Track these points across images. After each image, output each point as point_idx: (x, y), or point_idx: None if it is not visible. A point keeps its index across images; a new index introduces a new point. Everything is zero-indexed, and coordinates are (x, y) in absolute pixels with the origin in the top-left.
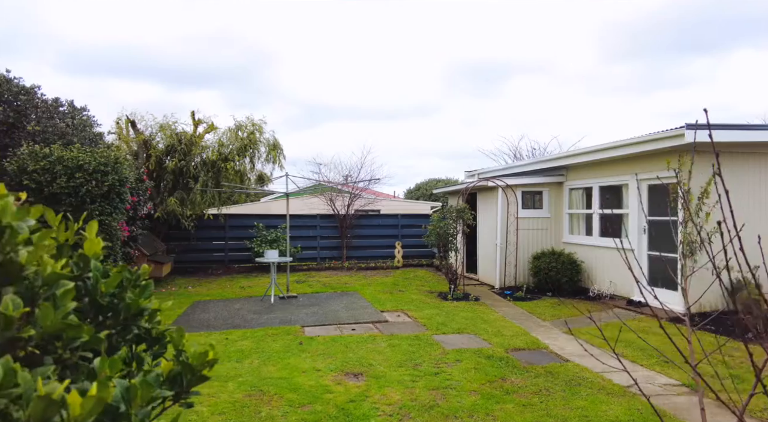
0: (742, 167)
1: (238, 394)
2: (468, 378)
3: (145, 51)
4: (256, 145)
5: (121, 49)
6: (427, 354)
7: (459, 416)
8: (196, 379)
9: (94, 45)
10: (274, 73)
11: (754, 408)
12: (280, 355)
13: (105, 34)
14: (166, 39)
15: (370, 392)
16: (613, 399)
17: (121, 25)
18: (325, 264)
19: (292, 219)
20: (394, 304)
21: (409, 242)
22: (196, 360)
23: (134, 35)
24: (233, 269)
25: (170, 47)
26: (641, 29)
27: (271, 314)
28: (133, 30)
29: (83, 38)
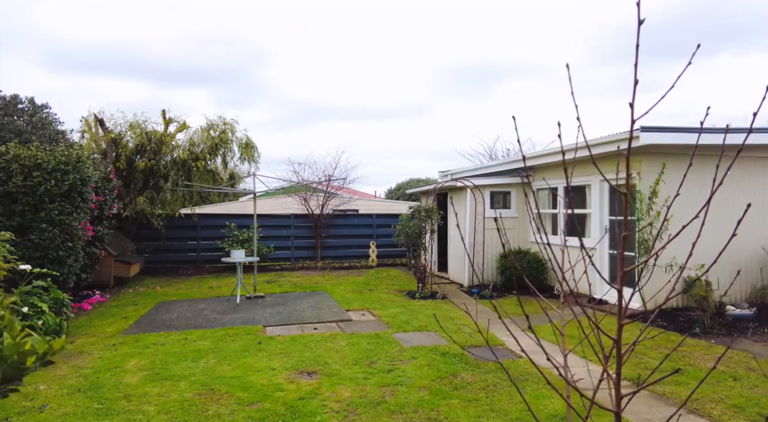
0: (694, 169)
1: (189, 393)
2: (420, 375)
3: (133, 49)
4: (228, 144)
5: (107, 47)
6: (385, 351)
7: (404, 412)
8: (12, 370)
9: (76, 42)
10: (264, 73)
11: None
12: (237, 355)
13: (89, 31)
14: (155, 37)
15: (321, 389)
16: (556, 393)
17: (109, 23)
18: (299, 264)
19: (265, 219)
20: (361, 303)
21: (385, 242)
22: (11, 351)
23: (121, 33)
24: (205, 269)
25: (158, 45)
26: (624, 33)
27: (234, 314)
28: (121, 27)
29: (67, 35)
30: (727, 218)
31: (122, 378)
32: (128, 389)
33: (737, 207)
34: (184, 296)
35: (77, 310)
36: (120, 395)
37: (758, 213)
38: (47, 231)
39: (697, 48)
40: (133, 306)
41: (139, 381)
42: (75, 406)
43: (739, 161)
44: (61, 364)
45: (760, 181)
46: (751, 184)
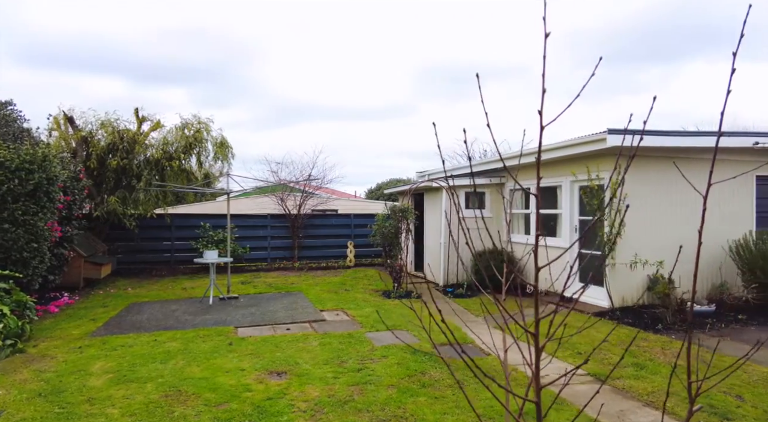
0: (661, 170)
1: (155, 395)
2: (389, 374)
3: (110, 45)
4: (202, 143)
5: (81, 42)
6: (356, 351)
7: (371, 410)
8: None
9: (46, 35)
10: (247, 72)
11: (642, 392)
12: (207, 356)
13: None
14: (133, 32)
15: (289, 389)
16: (521, 389)
17: (83, 16)
18: (275, 265)
19: (242, 219)
20: (335, 303)
21: (363, 242)
22: None
23: (97, 27)
24: (179, 270)
25: (137, 41)
26: (604, 37)
27: (206, 315)
28: (97, 21)
29: (36, 27)
30: (690, 217)
31: (86, 382)
32: (92, 392)
33: (700, 207)
34: (156, 298)
35: (42, 313)
36: (83, 398)
37: (719, 213)
38: (10, 232)
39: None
40: (102, 308)
41: (103, 384)
42: (34, 411)
43: (706, 163)
44: (22, 368)
45: (727, 182)
46: (719, 184)
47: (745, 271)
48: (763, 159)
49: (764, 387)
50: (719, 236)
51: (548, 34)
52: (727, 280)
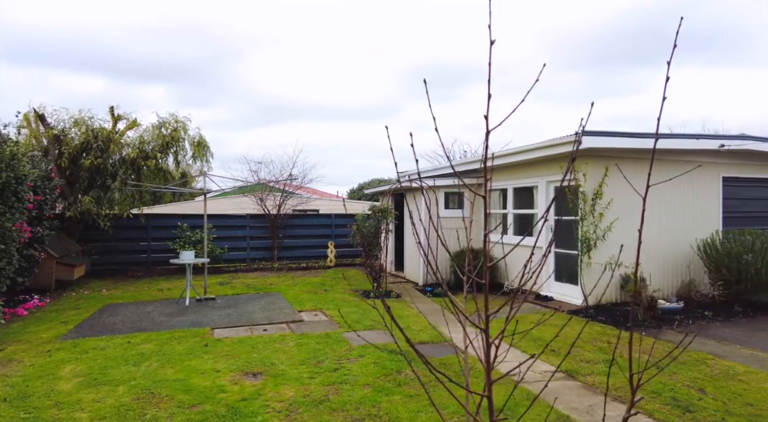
0: (635, 172)
1: (127, 398)
2: (365, 373)
3: (90, 41)
4: (180, 142)
5: (61, 38)
6: (333, 351)
7: (346, 409)
8: None
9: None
10: (229, 71)
11: (611, 386)
12: (182, 357)
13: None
14: (113, 28)
15: (265, 390)
16: (494, 386)
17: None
18: (254, 265)
19: (220, 219)
20: (314, 304)
21: (343, 242)
22: None
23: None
24: (156, 271)
25: (117, 38)
26: (584, 41)
27: (183, 316)
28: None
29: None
30: (665, 217)
31: (55, 386)
32: (60, 396)
33: (675, 208)
34: (131, 299)
35: (10, 316)
36: (50, 403)
37: (689, 213)
38: None
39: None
40: (74, 310)
41: (73, 388)
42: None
43: (678, 165)
44: None
45: (694, 183)
46: (687, 186)
47: (711, 269)
48: (729, 161)
49: (725, 381)
50: (688, 235)
51: (493, 42)
52: (695, 278)
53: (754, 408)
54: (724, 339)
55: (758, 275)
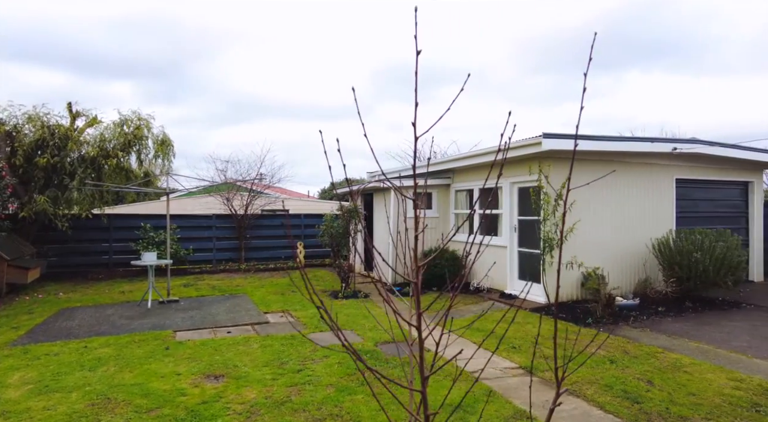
0: (597, 173)
1: (81, 404)
2: (329, 373)
3: (50, 34)
4: (143, 141)
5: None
6: (297, 352)
7: (307, 409)
8: None
9: None
10: (202, 68)
11: (567, 381)
12: (142, 361)
13: None
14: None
15: (226, 392)
16: (456, 384)
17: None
18: (221, 266)
19: (185, 220)
20: (281, 305)
21: (313, 242)
22: None
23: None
24: (117, 273)
25: (82, 32)
26: (552, 45)
27: (144, 319)
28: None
29: None
30: (624, 217)
31: (1, 394)
32: (7, 405)
33: (633, 208)
34: (90, 302)
35: None
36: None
37: (646, 214)
38: None
39: (468, 76)
40: (27, 315)
41: (21, 396)
42: None
43: (637, 167)
44: None
45: (651, 185)
46: (644, 187)
47: (665, 267)
48: (681, 163)
49: (672, 373)
50: (645, 235)
51: (419, 52)
52: (651, 275)
53: (696, 397)
54: (674, 333)
55: (706, 272)
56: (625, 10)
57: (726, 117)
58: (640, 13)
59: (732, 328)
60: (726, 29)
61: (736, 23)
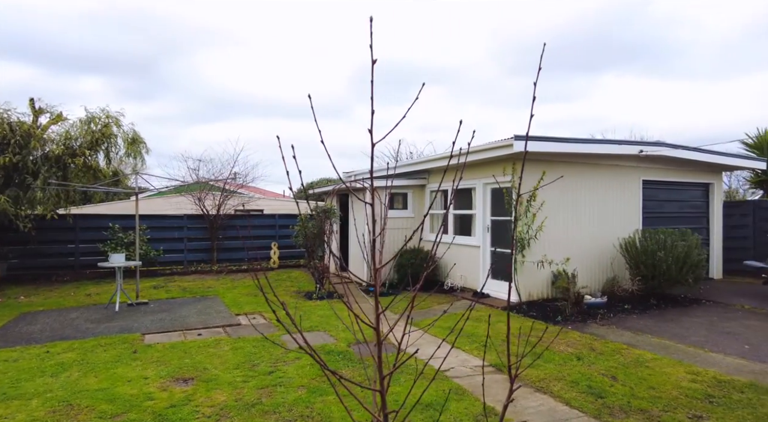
0: (565, 173)
1: (41, 412)
2: (301, 375)
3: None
4: (111, 139)
5: None
6: (269, 354)
7: (278, 411)
8: None
9: None
10: (177, 64)
11: (534, 378)
12: (108, 366)
13: None
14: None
15: (195, 396)
16: (426, 382)
17: None
18: (192, 268)
19: (155, 220)
20: (253, 307)
21: (288, 243)
22: None
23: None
24: (84, 275)
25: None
26: (529, 48)
27: (111, 322)
28: None
29: None
30: (593, 217)
31: None
32: None
33: (602, 209)
34: (54, 306)
35: None
36: None
37: (614, 214)
38: None
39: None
40: None
41: None
42: None
43: (607, 169)
44: None
45: (619, 186)
46: (613, 188)
47: (631, 266)
48: (648, 165)
49: (635, 368)
50: (613, 234)
51: (375, 61)
52: (618, 274)
53: (655, 391)
54: (638, 330)
55: (669, 270)
56: (603, 14)
57: (690, 121)
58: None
59: (691, 324)
60: (693, 35)
61: (703, 29)
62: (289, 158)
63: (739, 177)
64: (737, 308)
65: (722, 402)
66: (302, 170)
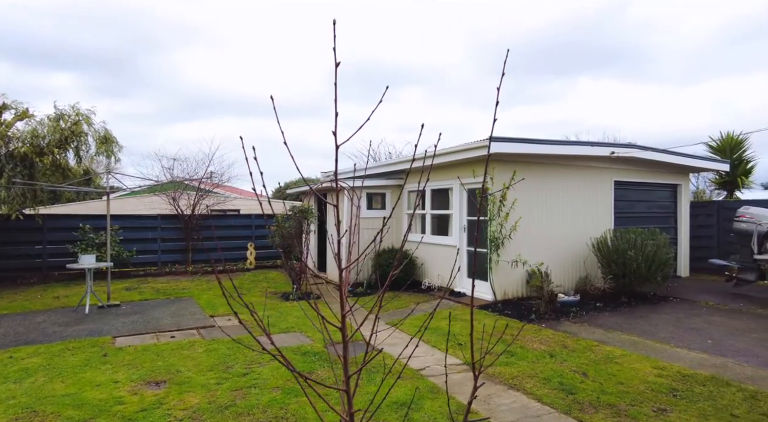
0: (539, 174)
1: (2, 419)
2: (276, 376)
3: None
4: (82, 137)
5: None
6: (244, 355)
7: (252, 413)
8: None
9: None
10: (155, 62)
11: (508, 376)
12: (76, 370)
13: None
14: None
15: (167, 399)
16: (402, 381)
17: None
18: (166, 269)
19: (129, 220)
20: (228, 308)
21: (265, 243)
22: None
23: None
24: (52, 277)
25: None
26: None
27: (80, 325)
28: None
29: None
30: (567, 217)
31: None
32: None
33: (575, 209)
34: (19, 309)
35: None
36: None
37: (587, 214)
38: None
39: (386, 89)
40: None
41: None
42: None
43: (580, 170)
44: None
45: (592, 187)
46: (586, 189)
47: (603, 265)
48: (619, 167)
49: (604, 364)
50: (586, 234)
51: (338, 64)
52: (591, 273)
53: (623, 386)
54: (609, 327)
55: (639, 269)
56: (581, 19)
57: (661, 123)
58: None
59: (659, 320)
60: (664, 41)
61: (674, 36)
62: (275, 157)
63: (705, 178)
64: (702, 305)
65: (685, 395)
66: (282, 169)
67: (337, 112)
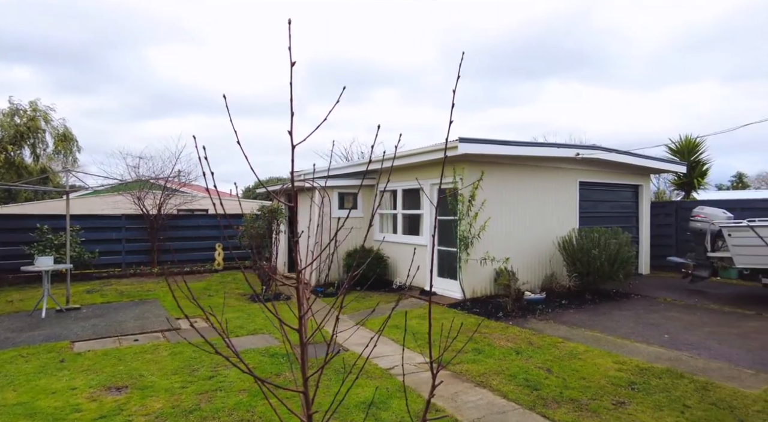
0: (507, 175)
1: None
2: (242, 378)
3: None
4: (39, 134)
5: None
6: (210, 358)
7: (218, 416)
8: None
9: None
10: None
11: (475, 374)
12: (29, 377)
13: None
14: None
15: (129, 404)
16: (371, 381)
17: None
18: (131, 270)
19: (91, 220)
20: (195, 310)
21: (234, 244)
22: None
23: None
24: (5, 280)
25: None
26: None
27: (36, 331)
28: None
29: None
30: (534, 217)
31: None
32: None
33: (541, 209)
34: None
35: None
36: None
37: (553, 214)
38: None
39: (343, 90)
40: None
41: None
42: None
43: (547, 171)
44: None
45: (558, 187)
46: (552, 189)
47: (569, 263)
48: (584, 168)
49: (568, 360)
50: (552, 233)
51: (294, 63)
52: (556, 271)
53: (586, 381)
54: (574, 324)
55: (602, 267)
56: (549, 22)
57: (624, 126)
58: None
59: (621, 317)
60: (627, 47)
61: (635, 43)
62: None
63: (665, 179)
64: (661, 302)
65: (642, 388)
66: (254, 167)
67: (293, 112)
